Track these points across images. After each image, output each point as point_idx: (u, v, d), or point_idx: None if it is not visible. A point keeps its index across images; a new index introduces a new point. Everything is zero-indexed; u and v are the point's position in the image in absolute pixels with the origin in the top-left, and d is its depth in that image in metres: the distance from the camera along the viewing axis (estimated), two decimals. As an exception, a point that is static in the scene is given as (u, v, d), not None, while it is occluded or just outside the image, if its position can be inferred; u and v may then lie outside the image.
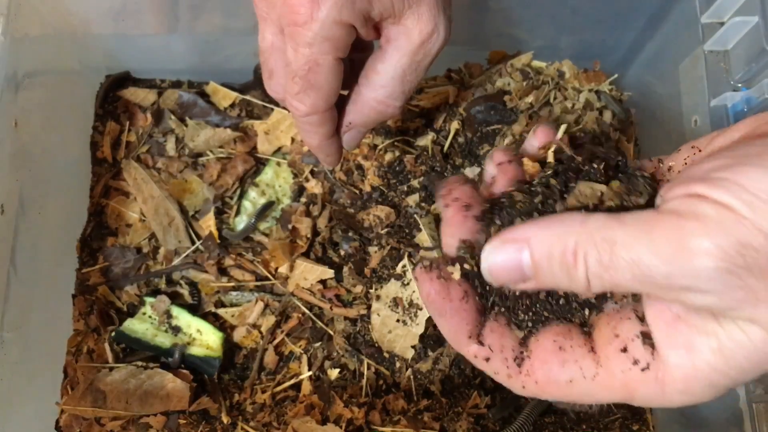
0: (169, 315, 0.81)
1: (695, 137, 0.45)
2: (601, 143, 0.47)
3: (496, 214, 0.44)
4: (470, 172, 0.84)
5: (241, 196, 0.87)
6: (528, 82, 0.86)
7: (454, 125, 0.85)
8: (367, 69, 0.60)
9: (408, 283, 0.78)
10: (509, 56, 0.90)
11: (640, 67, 0.89)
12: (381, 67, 0.59)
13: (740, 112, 0.70)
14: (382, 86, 0.59)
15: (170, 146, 0.89)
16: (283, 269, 0.82)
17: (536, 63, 0.88)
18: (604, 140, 0.82)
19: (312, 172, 0.87)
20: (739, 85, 0.71)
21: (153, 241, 0.86)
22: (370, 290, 0.80)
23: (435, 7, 0.56)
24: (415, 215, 0.81)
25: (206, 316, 0.83)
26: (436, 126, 0.87)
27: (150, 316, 0.81)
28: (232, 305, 0.83)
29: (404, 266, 0.78)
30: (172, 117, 0.90)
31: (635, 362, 0.40)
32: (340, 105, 0.62)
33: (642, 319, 0.41)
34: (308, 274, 0.81)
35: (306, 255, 0.83)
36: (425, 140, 0.86)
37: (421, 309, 0.77)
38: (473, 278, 0.45)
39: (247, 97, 0.91)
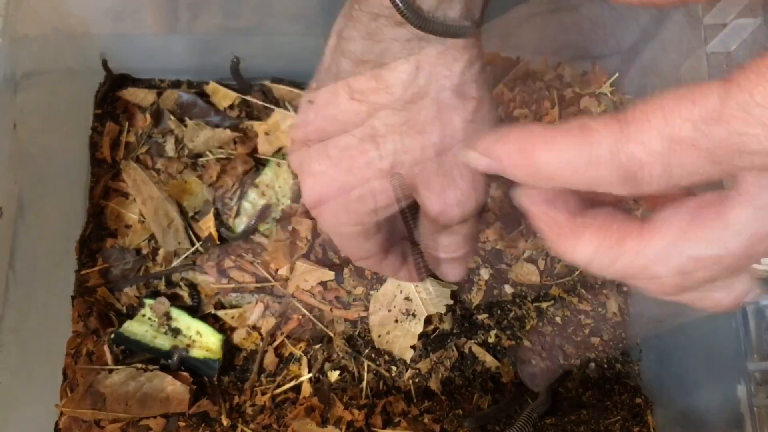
0: (168, 317, 0.81)
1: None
2: None
3: None
4: None
5: (241, 197, 0.87)
6: (526, 89, 0.86)
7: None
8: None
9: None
10: (507, 66, 0.88)
11: (641, 68, 0.89)
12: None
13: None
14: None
15: (169, 147, 0.89)
16: (283, 271, 0.82)
17: (535, 67, 0.87)
18: None
19: (312, 173, 0.87)
20: (742, 87, 0.70)
21: (152, 242, 0.85)
22: (371, 292, 0.80)
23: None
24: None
25: (206, 318, 0.82)
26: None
27: (149, 318, 0.81)
28: (231, 307, 0.83)
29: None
30: (172, 117, 0.90)
31: None
32: None
33: None
34: (308, 275, 0.81)
35: (306, 257, 0.82)
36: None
37: (418, 309, 0.77)
38: None
39: (247, 98, 0.91)
